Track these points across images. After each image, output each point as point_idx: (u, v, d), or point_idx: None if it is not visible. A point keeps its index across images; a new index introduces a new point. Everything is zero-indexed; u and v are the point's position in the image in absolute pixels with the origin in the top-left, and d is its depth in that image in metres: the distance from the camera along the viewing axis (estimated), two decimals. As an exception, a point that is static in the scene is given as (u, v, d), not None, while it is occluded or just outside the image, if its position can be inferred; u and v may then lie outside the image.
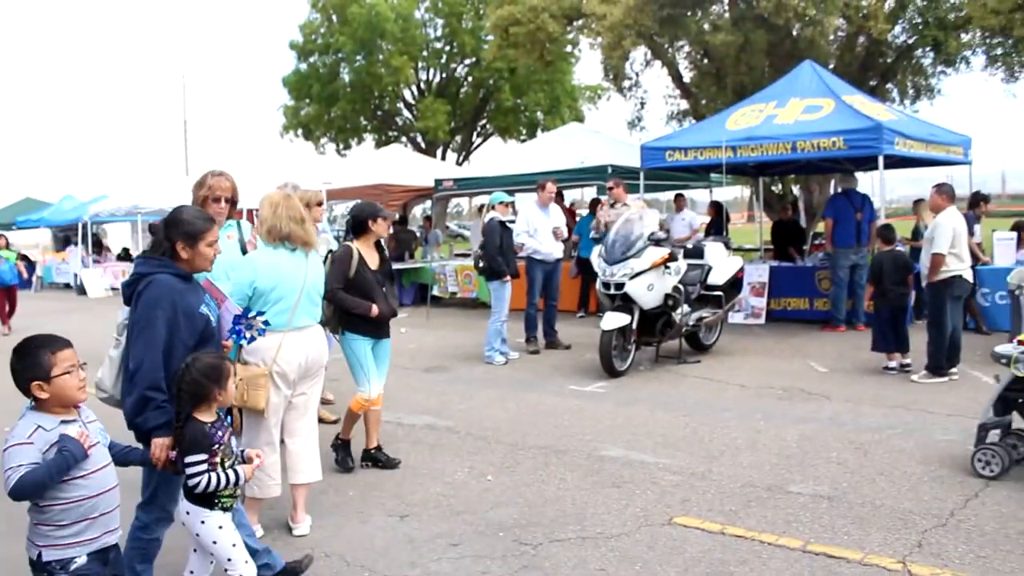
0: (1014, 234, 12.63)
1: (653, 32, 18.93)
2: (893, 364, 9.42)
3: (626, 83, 22.54)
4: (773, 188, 21.21)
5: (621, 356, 9.59)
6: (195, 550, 3.92)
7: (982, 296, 11.95)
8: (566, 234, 11.98)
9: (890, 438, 6.87)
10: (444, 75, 37.16)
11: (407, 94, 37.26)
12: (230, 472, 3.73)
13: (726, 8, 19.42)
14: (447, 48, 36.00)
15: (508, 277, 10.77)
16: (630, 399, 8.53)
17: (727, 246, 11.77)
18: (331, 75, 34.74)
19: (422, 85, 37.13)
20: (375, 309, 6.23)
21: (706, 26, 19.14)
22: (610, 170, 14.36)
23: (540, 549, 4.88)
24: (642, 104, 23.12)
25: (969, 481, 5.76)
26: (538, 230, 11.26)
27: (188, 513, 3.79)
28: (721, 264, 10.96)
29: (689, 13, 18.84)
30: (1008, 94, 66.11)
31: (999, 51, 19.10)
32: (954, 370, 9.01)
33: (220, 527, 3.80)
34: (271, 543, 4.99)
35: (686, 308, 10.06)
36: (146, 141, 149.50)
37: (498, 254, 10.68)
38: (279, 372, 5.02)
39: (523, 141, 33.18)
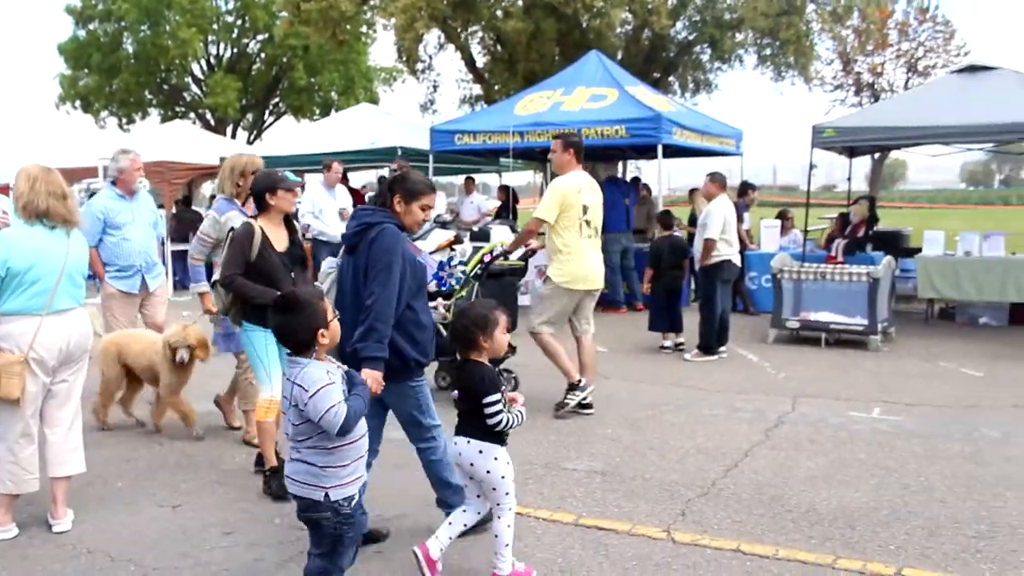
0: (779, 222, 13.50)
1: (446, 16, 18.99)
2: (668, 344, 9.88)
3: (419, 66, 22.53)
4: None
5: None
6: (465, 486, 4.25)
7: (750, 280, 12.72)
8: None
9: (663, 414, 7.19)
10: (235, 50, 35.91)
11: (196, 68, 35.78)
12: (516, 413, 4.07)
13: (518, -5, 19.76)
14: (239, 22, 34.80)
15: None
16: (416, 381, 8.50)
17: (513, 230, 11.93)
18: (113, 44, 32.85)
19: (212, 60, 35.76)
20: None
21: (498, 12, 19.37)
22: (400, 152, 14.30)
23: (317, 533, 4.79)
24: (435, 87, 23.22)
25: (730, 453, 6.11)
26: (324, 211, 11.07)
27: (481, 452, 4.06)
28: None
29: (482, -1, 19.04)
30: (777, 92, 70.71)
31: (768, 51, 20.37)
32: (723, 349, 9.54)
33: (507, 463, 4.12)
34: (28, 542, 4.69)
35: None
36: None
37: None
38: (36, 359, 4.68)
39: (315, 121, 32.55)
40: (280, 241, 5.48)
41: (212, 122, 34.59)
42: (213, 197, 22.33)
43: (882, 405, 7.44)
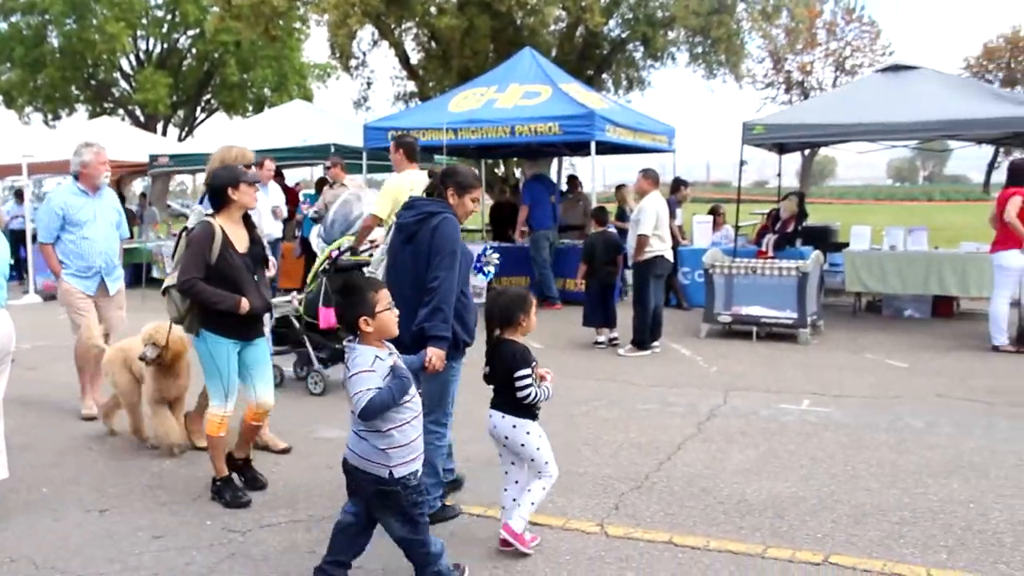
0: (711, 218, 13.69)
1: (379, 12, 18.87)
2: (602, 339, 9.96)
3: (353, 62, 22.40)
4: (497, 171, 21.80)
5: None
6: (512, 463, 4.51)
7: (683, 275, 12.88)
8: (285, 213, 11.71)
9: (596, 409, 7.25)
10: (165, 45, 35.27)
11: (124, 63, 35.04)
12: (544, 388, 4.37)
13: (452, -9, 19.73)
14: (168, 17, 34.14)
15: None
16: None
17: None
18: (37, 38, 31.96)
19: (141, 55, 35.05)
20: (244, 303, 5.03)
21: (432, 9, 19.32)
22: (333, 149, 14.19)
23: (249, 535, 4.74)
24: (369, 84, 23.10)
25: (663, 446, 6.18)
26: (256, 209, 10.90)
27: (514, 427, 4.39)
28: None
29: (415, -5, 18.97)
30: (708, 90, 71.52)
31: (700, 50, 20.63)
32: (656, 344, 9.64)
33: (540, 435, 4.41)
34: (-58, 548, 4.56)
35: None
36: None
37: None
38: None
39: (248, 118, 32.12)
40: (241, 241, 5.20)
41: (142, 119, 33.92)
42: (144, 195, 21.99)
43: (811, 397, 7.60)
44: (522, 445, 4.41)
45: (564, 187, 15.48)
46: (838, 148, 15.88)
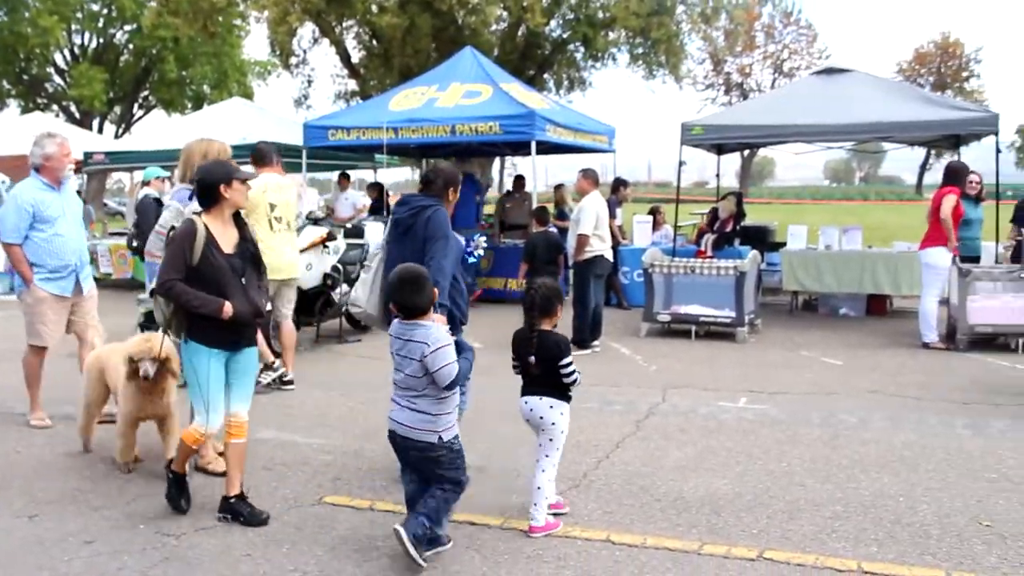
0: (651, 218, 13.80)
1: (320, 9, 18.74)
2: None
3: (293, 60, 22.20)
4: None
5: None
6: (541, 444, 4.80)
7: (622, 274, 12.97)
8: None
9: (536, 408, 7.24)
10: (101, 40, 34.61)
11: (59, 58, 34.28)
12: (578, 372, 4.71)
13: (393, -10, 19.63)
14: (104, 11, 33.51)
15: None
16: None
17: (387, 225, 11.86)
18: (-34, 31, 31.19)
19: (76, 50, 34.33)
20: (228, 308, 4.67)
21: (373, 7, 19.21)
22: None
23: (183, 539, 4.65)
24: (310, 82, 22.90)
25: (602, 444, 6.21)
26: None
27: (551, 407, 4.72)
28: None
29: (356, -7, 18.85)
30: (649, 90, 72.08)
31: (640, 50, 20.79)
32: (596, 343, 9.70)
33: (568, 419, 4.81)
34: None
35: (346, 288, 10.04)
36: None
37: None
38: None
39: (187, 115, 31.64)
40: (228, 241, 4.82)
41: (77, 115, 33.21)
42: (79, 193, 21.55)
43: (748, 394, 7.70)
44: (552, 424, 4.73)
45: (510, 187, 15.50)
46: (775, 149, 16.14)
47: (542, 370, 4.70)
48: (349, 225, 12.19)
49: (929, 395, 7.61)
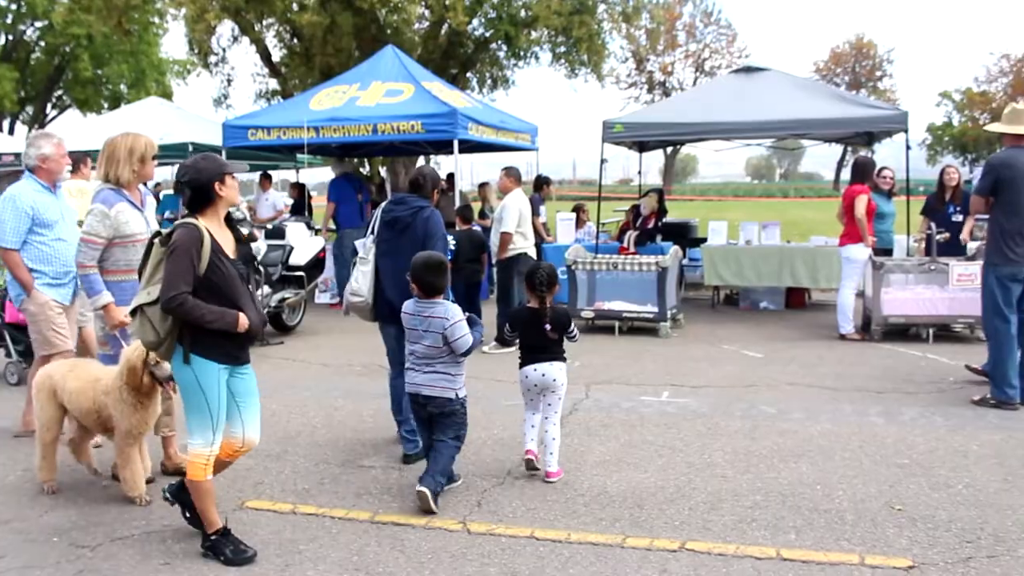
0: (574, 215, 13.87)
1: (239, 7, 18.43)
2: (468, 337, 9.97)
3: (212, 59, 21.79)
4: (362, 170, 21.59)
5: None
6: (532, 411, 5.66)
7: (548, 272, 12.97)
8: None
9: (461, 407, 7.23)
10: (10, 37, 33.57)
11: (-36, 56, 33.19)
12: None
13: (314, -12, 19.41)
14: (13, 7, 32.44)
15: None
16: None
17: (309, 227, 11.77)
18: None
19: (-17, 47, 33.28)
20: (244, 320, 4.26)
21: (294, 5, 18.97)
22: (191, 148, 13.78)
23: (99, 550, 4.54)
24: (229, 81, 22.50)
25: (526, 442, 6.21)
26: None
27: (561, 370, 5.56)
28: (303, 245, 10.94)
29: (276, -9, 18.59)
30: (571, 89, 72.59)
31: (562, 49, 20.89)
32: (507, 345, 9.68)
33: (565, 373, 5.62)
34: None
35: (267, 289, 9.92)
36: None
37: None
38: None
39: (103, 115, 30.87)
40: (228, 244, 4.36)
41: (-14, 116, 32.23)
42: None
43: (671, 388, 7.79)
44: (562, 384, 5.56)
45: (444, 184, 15.43)
46: (697, 146, 16.36)
47: (557, 337, 5.51)
48: (270, 226, 12.02)
49: (845, 385, 7.79)
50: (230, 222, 4.46)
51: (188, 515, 4.62)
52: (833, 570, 4.13)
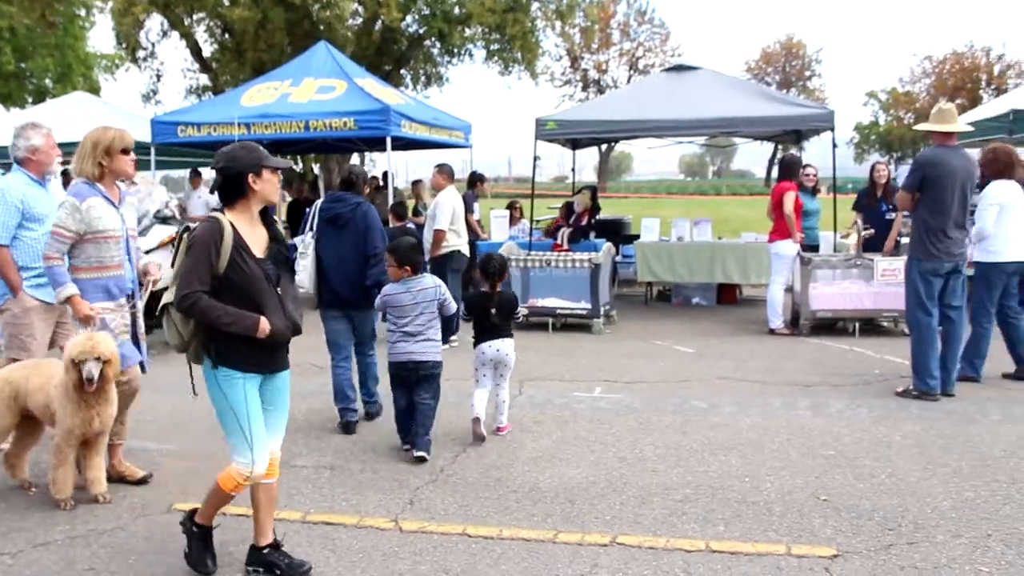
0: (508, 212, 13.90)
1: (167, 1, 18.11)
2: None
3: (141, 53, 21.40)
4: (295, 167, 21.38)
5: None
6: (486, 383, 6.41)
7: (482, 269, 12.98)
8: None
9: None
10: (-74, 29, 32.45)
11: None
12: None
13: (244, -17, 19.15)
14: (-71, -3, 31.44)
15: None
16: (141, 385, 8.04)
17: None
18: None
19: None
20: (264, 324, 3.90)
21: (224, 0, 18.70)
22: (118, 144, 13.47)
23: (19, 557, 4.42)
24: (159, 77, 22.15)
25: (459, 439, 6.23)
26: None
27: (512, 346, 6.42)
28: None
29: (206, -15, 18.32)
30: (505, 86, 72.71)
31: (496, 46, 20.92)
32: (454, 338, 9.67)
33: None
34: None
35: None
36: None
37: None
38: None
39: (26, 109, 30.05)
40: (258, 242, 4.03)
41: (-100, 111, 31.15)
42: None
43: (603, 384, 7.85)
44: (513, 358, 6.40)
45: (380, 182, 15.33)
46: (631, 144, 16.50)
47: (501, 319, 6.23)
48: (201, 223, 11.83)
49: (774, 379, 7.94)
50: (266, 218, 4.15)
51: (188, 550, 4.27)
52: (760, 560, 4.20)
